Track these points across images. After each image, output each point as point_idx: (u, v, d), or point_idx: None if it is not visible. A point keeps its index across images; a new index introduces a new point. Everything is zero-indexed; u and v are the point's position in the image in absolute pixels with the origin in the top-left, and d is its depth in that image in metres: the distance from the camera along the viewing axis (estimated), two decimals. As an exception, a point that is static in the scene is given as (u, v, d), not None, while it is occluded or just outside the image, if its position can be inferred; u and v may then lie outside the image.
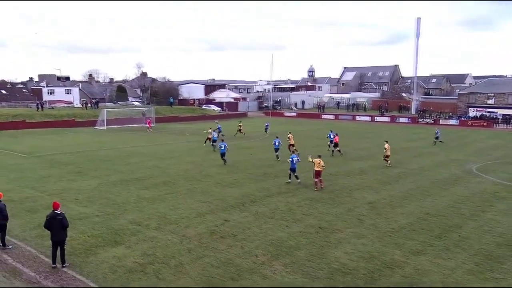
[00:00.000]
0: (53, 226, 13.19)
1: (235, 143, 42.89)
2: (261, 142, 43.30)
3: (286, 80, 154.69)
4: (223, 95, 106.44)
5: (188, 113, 79.50)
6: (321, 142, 43.85)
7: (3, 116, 58.90)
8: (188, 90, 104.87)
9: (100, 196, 21.47)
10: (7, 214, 14.74)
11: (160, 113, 72.52)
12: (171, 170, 28.29)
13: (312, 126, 64.67)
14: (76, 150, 37.82)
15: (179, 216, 18.32)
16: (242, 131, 50.44)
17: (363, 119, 77.94)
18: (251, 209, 19.38)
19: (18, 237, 15.65)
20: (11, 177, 25.91)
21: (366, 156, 34.97)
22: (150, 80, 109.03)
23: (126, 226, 16.94)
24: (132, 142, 44.24)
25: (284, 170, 28.40)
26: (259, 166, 30.14)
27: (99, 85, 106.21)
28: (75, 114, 66.42)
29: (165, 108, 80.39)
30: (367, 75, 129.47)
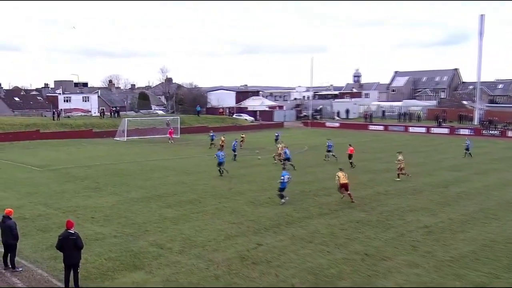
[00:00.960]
0: (66, 247, 13.41)
1: (269, 157, 42.87)
2: (299, 156, 43.08)
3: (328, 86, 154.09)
4: (257, 103, 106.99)
5: (217, 123, 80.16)
6: (368, 157, 43.32)
7: (16, 126, 61.14)
8: (217, 97, 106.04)
9: (119, 215, 21.81)
10: (18, 233, 15.15)
11: (186, 122, 73.50)
12: (197, 187, 28.50)
13: (358, 138, 63.96)
14: (93, 163, 38.72)
15: (206, 238, 18.37)
16: (242, 145, 50.39)
17: (417, 130, 76.60)
18: (287, 232, 19.24)
19: (29, 259, 16.04)
20: (22, 192, 26.72)
21: (421, 173, 34.23)
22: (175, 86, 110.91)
23: (146, 249, 17.10)
24: (155, 155, 44.93)
25: (325, 188, 28.13)
26: (297, 183, 29.87)
27: (120, 92, 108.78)
28: (93, 123, 68.20)
29: (192, 117, 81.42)
30: (421, 81, 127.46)
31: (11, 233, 14.84)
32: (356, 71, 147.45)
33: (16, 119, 66.35)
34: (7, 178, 31.66)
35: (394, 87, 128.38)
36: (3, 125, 60.74)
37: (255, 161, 40.26)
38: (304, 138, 61.74)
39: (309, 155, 41.95)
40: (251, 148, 50.64)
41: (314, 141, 56.12)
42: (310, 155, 40.47)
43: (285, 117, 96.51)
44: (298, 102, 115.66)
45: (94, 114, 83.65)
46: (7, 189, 27.75)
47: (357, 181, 30.36)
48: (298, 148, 50.47)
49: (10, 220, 14.99)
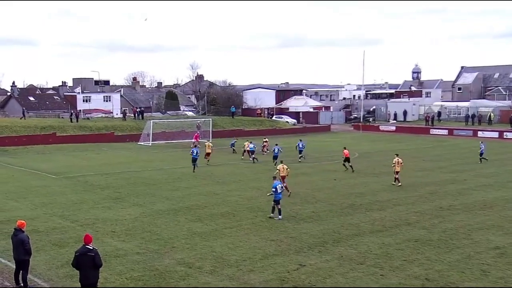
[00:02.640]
0: (83, 264, 13.62)
1: (314, 164, 42.69)
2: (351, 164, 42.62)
3: (382, 84, 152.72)
4: (300, 103, 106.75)
5: (255, 125, 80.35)
6: (428, 166, 42.61)
7: (30, 128, 62.93)
8: (254, 96, 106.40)
9: (142, 229, 22.10)
10: (31, 247, 15.52)
11: (219, 125, 74.00)
12: (231, 198, 28.63)
13: (417, 144, 62.97)
14: (115, 170, 39.45)
15: (240, 257, 18.40)
16: (264, 150, 51.07)
17: (488, 135, 74.74)
18: (334, 251, 19.10)
19: (42, 277, 16.41)
20: (36, 202, 27.46)
21: (493, 185, 33.40)
22: (207, 84, 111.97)
23: (173, 268, 17.25)
24: (183, 161, 45.32)
25: (379, 202, 27.80)
26: (346, 195, 29.72)
27: (145, 91, 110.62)
28: (114, 126, 69.48)
29: (226, 119, 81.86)
30: (493, 77, 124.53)
31: (23, 248, 15.20)
32: (416, 67, 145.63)
33: (31, 121, 68.25)
34: (20, 186, 32.60)
35: (461, 84, 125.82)
36: (17, 128, 62.58)
37: (297, 169, 40.09)
38: (354, 144, 61.07)
39: (360, 164, 41.53)
40: (294, 156, 50.49)
41: (366, 147, 55.57)
42: (362, 163, 40.07)
43: (332, 120, 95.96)
44: (348, 102, 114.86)
45: (116, 116, 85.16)
46: (19, 199, 28.58)
47: (416, 194, 29.91)
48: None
49: (22, 233, 15.37)
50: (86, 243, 13.77)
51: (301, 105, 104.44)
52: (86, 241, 13.82)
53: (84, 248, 13.71)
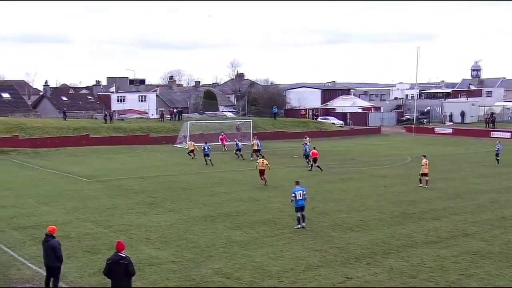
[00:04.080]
0: (116, 273, 13.80)
1: (362, 169, 42.30)
2: (401, 169, 42.21)
3: (438, 83, 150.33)
4: (347, 103, 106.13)
5: (298, 127, 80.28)
6: (489, 172, 41.69)
7: (63, 130, 64.39)
8: (298, 96, 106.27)
9: (178, 236, 22.28)
10: (62, 254, 15.83)
11: (260, 127, 74.15)
12: (272, 205, 28.62)
13: (476, 147, 61.73)
14: (150, 174, 39.98)
15: (282, 268, 18.35)
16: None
17: (557, 138, 72.56)
18: (383, 264, 18.86)
19: (74, 284, 16.73)
20: (68, 207, 28.04)
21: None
22: (247, 83, 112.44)
23: (210, 278, 17.33)
24: (222, 165, 45.60)
25: (434, 210, 27.34)
26: (397, 202, 29.33)
27: (182, 91, 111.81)
28: (150, 127, 70.43)
29: (267, 120, 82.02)
30: None
31: (54, 254, 15.50)
32: (475, 64, 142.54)
33: (63, 122, 69.80)
34: (52, 189, 33.37)
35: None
36: (49, 129, 64.10)
37: (343, 175, 39.88)
38: (406, 148, 60.41)
39: (413, 169, 40.84)
40: (340, 159, 50.24)
41: (419, 151, 54.49)
42: (415, 168, 39.39)
43: (383, 121, 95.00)
44: (400, 103, 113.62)
45: (151, 117, 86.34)
46: (51, 203, 29.25)
47: (475, 202, 29.29)
48: (398, 159, 49.42)
49: (53, 239, 15.69)
50: (119, 251, 13.96)
51: (348, 106, 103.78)
52: (119, 248, 14.00)
53: (116, 256, 13.89)
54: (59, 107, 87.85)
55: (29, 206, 28.31)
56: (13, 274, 17.63)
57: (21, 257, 19.30)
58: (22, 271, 17.91)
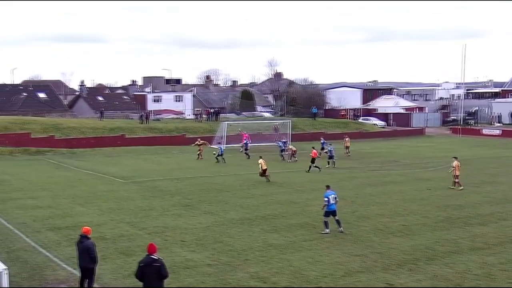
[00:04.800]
0: (148, 276, 13.98)
1: (405, 172, 41.87)
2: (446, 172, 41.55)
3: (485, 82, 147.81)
4: (390, 103, 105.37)
5: (338, 128, 79.92)
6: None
7: (98, 130, 65.46)
8: (338, 96, 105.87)
9: (214, 239, 22.40)
10: (96, 255, 16.08)
11: (298, 127, 74.04)
12: (311, 208, 28.52)
13: (527, 150, 60.36)
14: (185, 175, 40.31)
15: (320, 273, 18.29)
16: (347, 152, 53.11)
17: None
18: (427, 270, 18.64)
19: (108, 286, 17.00)
20: (103, 208, 28.49)
21: None
22: (286, 83, 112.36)
23: (246, 282, 17.38)
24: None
25: (480, 215, 26.89)
26: (441, 207, 28.95)
27: (219, 90, 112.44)
28: (186, 128, 71.05)
29: (306, 121, 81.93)
30: None
31: (88, 256, 15.77)
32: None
33: (99, 122, 70.98)
34: (87, 190, 33.93)
35: None
36: (85, 129, 65.28)
37: (386, 177, 39.55)
38: (451, 150, 59.36)
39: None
40: (382, 162, 49.82)
41: (465, 154, 53.76)
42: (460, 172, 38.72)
43: (427, 122, 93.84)
44: (445, 103, 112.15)
45: (187, 117, 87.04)
46: (86, 204, 29.75)
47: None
48: (443, 162, 48.70)
49: (88, 240, 15.96)
50: (151, 253, 14.14)
51: (391, 106, 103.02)
52: (151, 251, 14.19)
53: (149, 259, 14.08)
54: (95, 107, 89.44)
55: (65, 207, 28.87)
56: (48, 274, 18.01)
57: (56, 258, 19.69)
58: (57, 272, 18.27)
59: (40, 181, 38.14)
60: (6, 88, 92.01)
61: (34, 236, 22.79)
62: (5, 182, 37.71)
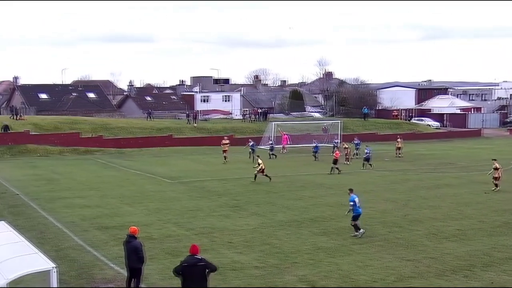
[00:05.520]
0: (192, 275, 14.09)
1: (460, 175, 41.12)
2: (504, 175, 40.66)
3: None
4: (444, 103, 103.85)
5: (390, 129, 79.23)
6: None
7: (146, 130, 66.51)
8: (390, 96, 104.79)
9: (261, 241, 22.44)
10: (144, 255, 16.31)
11: (349, 128, 73.61)
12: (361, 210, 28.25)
13: None
14: (233, 176, 40.60)
15: (370, 277, 18.13)
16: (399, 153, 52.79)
17: None
18: (483, 277, 18.27)
19: (155, 286, 17.21)
20: (151, 208, 28.91)
21: None
22: (336, 82, 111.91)
23: (294, 285, 17.35)
24: (308, 168, 45.60)
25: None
26: (499, 211, 28.32)
27: (267, 90, 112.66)
28: (234, 128, 71.46)
29: (357, 121, 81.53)
30: None
31: (136, 255, 16.00)
32: None
33: (147, 123, 72.10)
34: (135, 190, 34.50)
35: None
36: (133, 129, 66.44)
37: (441, 180, 38.93)
38: (510, 152, 58.07)
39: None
40: (436, 164, 49.04)
41: None
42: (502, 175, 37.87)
43: (484, 123, 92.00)
44: (504, 103, 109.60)
45: (235, 117, 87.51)
46: (134, 204, 30.25)
47: None
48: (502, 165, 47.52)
49: (135, 240, 16.21)
50: (194, 254, 14.29)
51: (446, 106, 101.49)
52: (194, 251, 14.33)
53: (193, 259, 14.19)
54: (143, 107, 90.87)
55: (113, 206, 29.42)
56: (96, 273, 18.38)
57: (104, 257, 20.07)
58: (105, 271, 18.63)
59: (89, 180, 38.98)
60: (57, 88, 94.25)
61: (82, 235, 23.30)
62: (55, 181, 38.73)
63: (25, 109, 74.61)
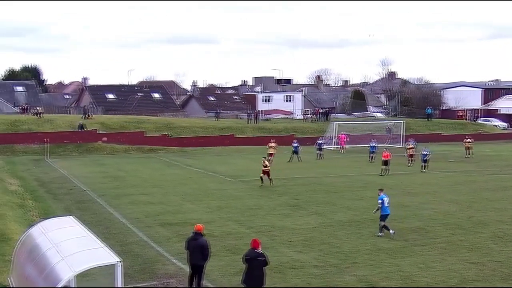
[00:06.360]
0: (252, 267, 14.76)
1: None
2: None
3: None
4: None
5: (455, 129, 77.73)
6: None
7: (208, 129, 67.29)
8: (455, 96, 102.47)
9: (321, 240, 22.40)
10: (208, 253, 16.46)
11: (412, 128, 72.62)
12: (423, 212, 27.90)
13: None
14: (292, 175, 40.63)
15: (433, 279, 17.84)
16: None
17: None
18: (551, 282, 17.62)
19: (216, 283, 17.44)
20: (212, 206, 29.27)
21: None
22: (399, 82, 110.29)
23: (353, 285, 17.26)
24: (370, 168, 45.15)
25: None
26: None
27: (329, 90, 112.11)
28: (295, 128, 71.43)
29: (420, 121, 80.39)
30: None
31: (201, 253, 16.18)
32: None
33: (209, 122, 72.89)
34: (197, 188, 35.01)
35: None
36: (196, 128, 67.33)
37: (508, 182, 37.85)
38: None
39: None
40: (503, 165, 47.70)
41: None
42: None
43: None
44: None
45: (297, 117, 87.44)
46: (196, 201, 30.69)
47: None
48: None
49: (202, 237, 16.41)
50: (255, 248, 14.88)
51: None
52: (255, 245, 14.93)
53: (254, 253, 14.83)
54: (206, 107, 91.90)
55: (175, 204, 29.94)
56: (159, 268, 18.78)
57: (167, 252, 20.45)
58: (167, 266, 18.99)
59: (153, 178, 39.75)
60: (123, 88, 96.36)
61: (146, 231, 23.80)
62: (120, 178, 39.67)
63: (93, 109, 76.62)
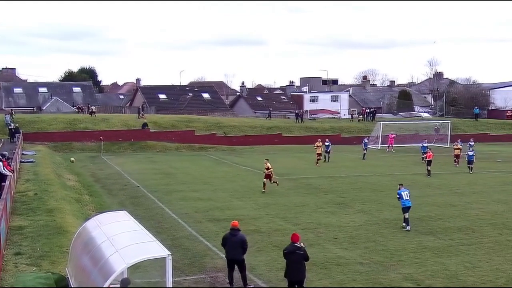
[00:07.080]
0: (292, 261, 14.75)
1: None
2: None
3: None
4: None
5: (503, 129, 76.27)
6: None
7: (256, 129, 67.62)
8: (504, 96, 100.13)
9: (366, 238, 22.20)
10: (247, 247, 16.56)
11: (459, 128, 71.58)
12: (470, 211, 27.34)
13: None
14: (339, 174, 40.40)
15: (479, 279, 17.43)
16: None
17: None
18: None
19: (262, 277, 17.47)
20: (259, 203, 29.34)
21: None
22: (446, 82, 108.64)
23: (399, 283, 17.01)
24: (416, 167, 44.52)
25: None
26: None
27: (375, 90, 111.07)
28: (341, 127, 71.12)
29: (467, 121, 79.20)
30: None
31: (242, 248, 16.31)
32: None
33: (257, 121, 73.23)
34: (245, 185, 35.20)
35: None
36: (244, 127, 67.77)
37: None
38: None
39: None
40: None
41: None
42: None
43: None
44: None
45: (343, 117, 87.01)
46: (244, 198, 30.86)
47: None
48: None
49: (240, 232, 16.59)
50: (295, 241, 14.87)
51: None
52: (294, 239, 14.94)
53: (293, 247, 14.79)
54: (254, 106, 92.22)
55: (224, 200, 30.15)
56: (207, 262, 18.96)
57: (215, 247, 20.55)
58: (215, 260, 19.13)
59: (202, 175, 40.13)
60: (174, 89, 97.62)
61: (195, 226, 24.04)
62: (171, 175, 40.20)
63: (146, 109, 77.85)
